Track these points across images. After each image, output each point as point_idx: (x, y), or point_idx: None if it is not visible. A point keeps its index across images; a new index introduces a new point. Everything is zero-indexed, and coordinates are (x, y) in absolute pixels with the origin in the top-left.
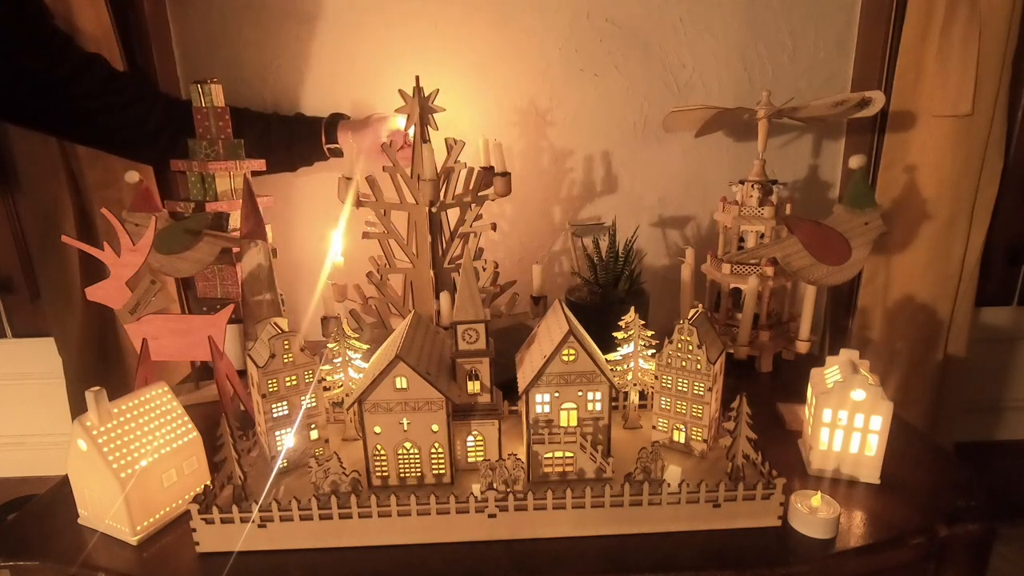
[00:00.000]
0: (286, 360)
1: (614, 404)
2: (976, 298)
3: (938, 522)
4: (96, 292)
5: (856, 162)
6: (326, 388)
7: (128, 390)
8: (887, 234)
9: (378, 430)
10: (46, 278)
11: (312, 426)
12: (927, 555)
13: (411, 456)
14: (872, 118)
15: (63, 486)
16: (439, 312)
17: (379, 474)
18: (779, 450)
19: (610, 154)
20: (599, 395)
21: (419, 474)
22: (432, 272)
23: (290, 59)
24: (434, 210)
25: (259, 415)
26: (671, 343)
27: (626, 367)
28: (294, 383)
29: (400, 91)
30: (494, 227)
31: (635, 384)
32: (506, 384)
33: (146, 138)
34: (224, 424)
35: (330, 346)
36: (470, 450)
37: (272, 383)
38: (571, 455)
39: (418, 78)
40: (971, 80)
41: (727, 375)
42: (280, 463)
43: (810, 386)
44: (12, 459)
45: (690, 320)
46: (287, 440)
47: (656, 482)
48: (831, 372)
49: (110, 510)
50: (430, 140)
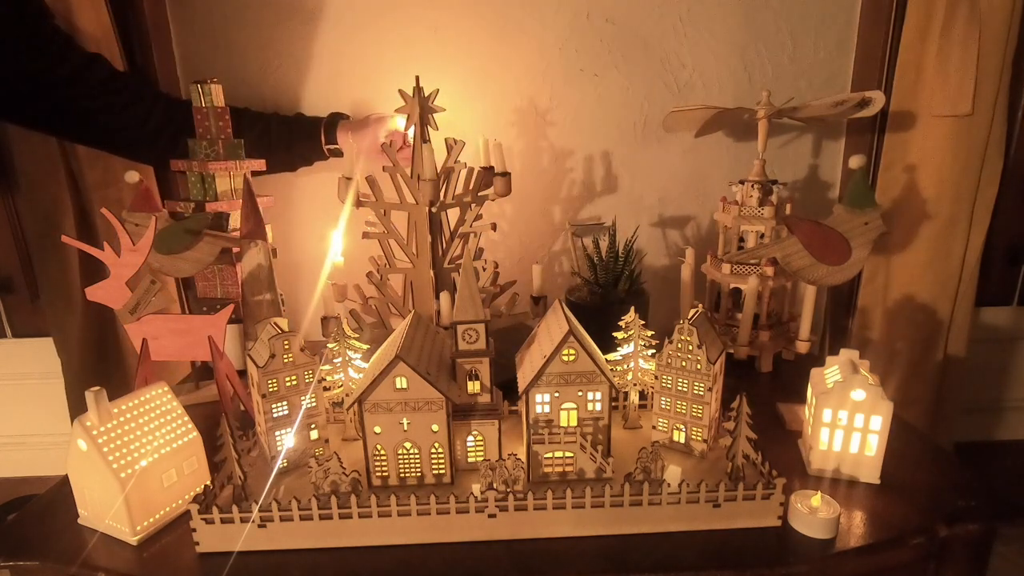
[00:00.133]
0: (286, 360)
1: (614, 404)
2: (976, 298)
3: (938, 522)
4: (96, 292)
5: (856, 162)
6: (326, 388)
7: (128, 390)
8: (887, 234)
9: (378, 430)
10: (46, 278)
11: (312, 426)
12: (927, 555)
13: (411, 456)
14: (872, 118)
15: (63, 486)
16: (439, 312)
17: (379, 474)
18: (779, 450)
19: (610, 154)
20: (599, 395)
21: (419, 474)
22: (432, 272)
23: (290, 59)
24: (434, 210)
25: (259, 415)
26: (671, 343)
27: (626, 367)
28: (294, 383)
29: (400, 91)
30: (494, 227)
31: (635, 384)
32: (506, 384)
33: (146, 138)
34: (224, 424)
35: (330, 346)
36: (470, 450)
37: (272, 383)
38: (571, 455)
39: (418, 78)
40: (971, 80)
41: (727, 375)
42: (280, 463)
43: (810, 386)
44: (12, 459)
45: (690, 320)
46: (287, 440)
47: (656, 482)
48: (831, 372)
49: (110, 510)
50: (430, 140)
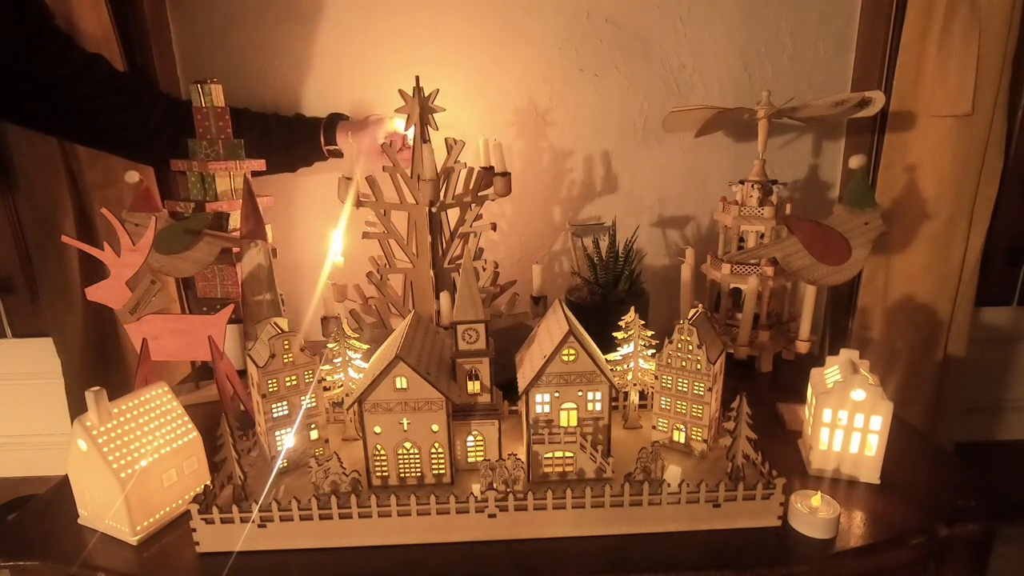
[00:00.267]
0: (286, 360)
1: (614, 404)
2: (976, 298)
3: (938, 522)
4: (96, 292)
5: (856, 162)
6: (326, 388)
7: (128, 390)
8: (887, 234)
9: (378, 430)
10: (46, 278)
11: (312, 426)
12: (927, 555)
13: (411, 456)
14: (872, 118)
15: (63, 486)
16: (439, 312)
17: (379, 474)
18: (779, 450)
19: (610, 154)
20: (599, 395)
21: (419, 474)
22: (432, 272)
23: (290, 59)
24: (434, 210)
25: (259, 415)
26: (671, 343)
27: (626, 367)
28: (294, 383)
29: (400, 91)
30: (494, 227)
31: (635, 384)
32: (506, 384)
33: (146, 138)
34: (224, 424)
35: (330, 346)
36: (470, 450)
37: (272, 383)
38: (571, 455)
39: (418, 78)
40: (971, 80)
41: (727, 375)
42: (280, 463)
43: (810, 386)
44: (12, 459)
45: (690, 320)
46: (287, 440)
47: (656, 482)
48: (831, 372)
49: (110, 510)
50: (430, 140)
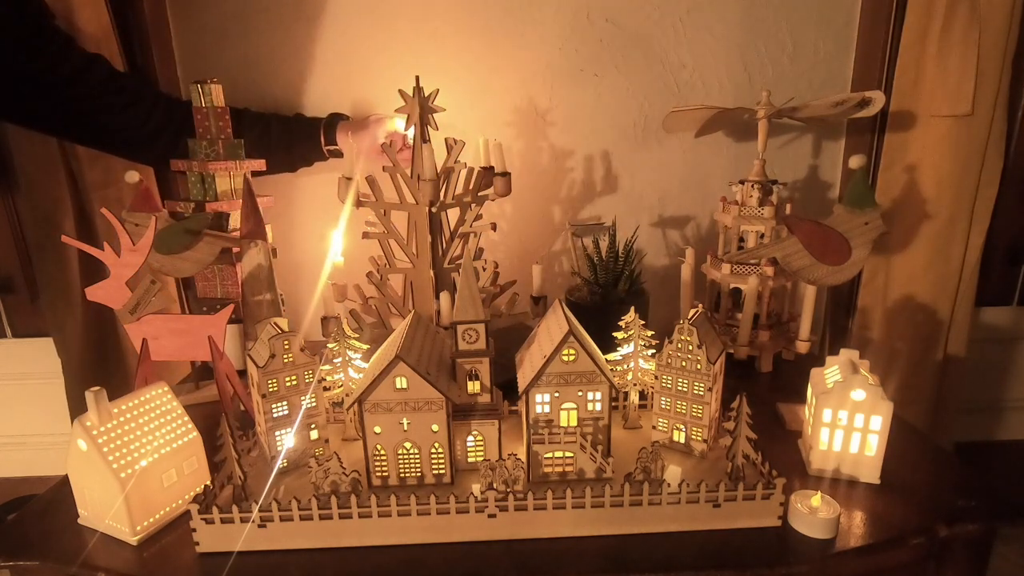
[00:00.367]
0: (286, 360)
1: (614, 404)
2: (976, 298)
3: (938, 522)
4: (96, 292)
5: (856, 162)
6: (326, 388)
7: (128, 390)
8: (887, 234)
9: (378, 430)
10: (46, 278)
11: (312, 426)
12: (927, 555)
13: (411, 456)
14: (872, 118)
15: (63, 486)
16: (439, 312)
17: (379, 474)
18: (779, 450)
19: (610, 154)
20: (599, 395)
21: (419, 474)
22: (432, 272)
23: (290, 59)
24: (434, 210)
25: (259, 415)
26: (671, 343)
27: (626, 367)
28: (294, 383)
29: (400, 91)
30: (494, 227)
31: (635, 384)
32: (506, 384)
33: (146, 138)
34: (224, 424)
35: (330, 346)
36: (470, 450)
37: (272, 383)
38: (571, 455)
39: (418, 78)
40: (971, 80)
41: (727, 375)
42: (280, 463)
43: (810, 386)
44: (12, 459)
45: (690, 320)
46: (287, 440)
47: (656, 482)
48: (831, 372)
49: (110, 510)
50: (430, 140)
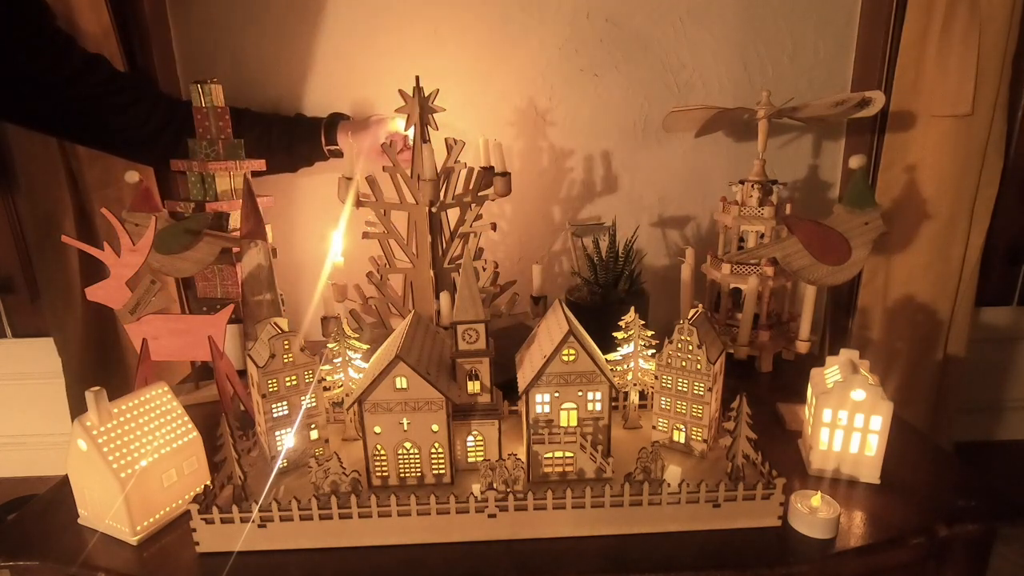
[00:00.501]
0: (286, 360)
1: (614, 404)
2: (976, 298)
3: (938, 522)
4: (96, 292)
5: (856, 162)
6: (326, 388)
7: (128, 390)
8: (887, 234)
9: (378, 430)
10: (46, 278)
11: (312, 426)
12: (927, 555)
13: (411, 456)
14: (872, 118)
15: (63, 486)
16: (439, 312)
17: (379, 474)
18: (779, 450)
19: (610, 154)
20: (599, 395)
21: (419, 474)
22: (432, 272)
23: (290, 59)
24: (434, 210)
25: (259, 415)
26: (671, 343)
27: (626, 367)
28: (294, 383)
29: (400, 91)
30: (494, 227)
31: (635, 384)
32: (506, 384)
33: (147, 138)
34: (224, 424)
35: (330, 346)
36: (470, 450)
37: (272, 383)
38: (571, 455)
39: (418, 78)
40: (971, 80)
41: (727, 375)
42: (280, 463)
43: (810, 386)
44: (12, 459)
45: (690, 320)
46: (287, 440)
47: (656, 482)
48: (831, 372)
49: (110, 510)
50: (430, 140)
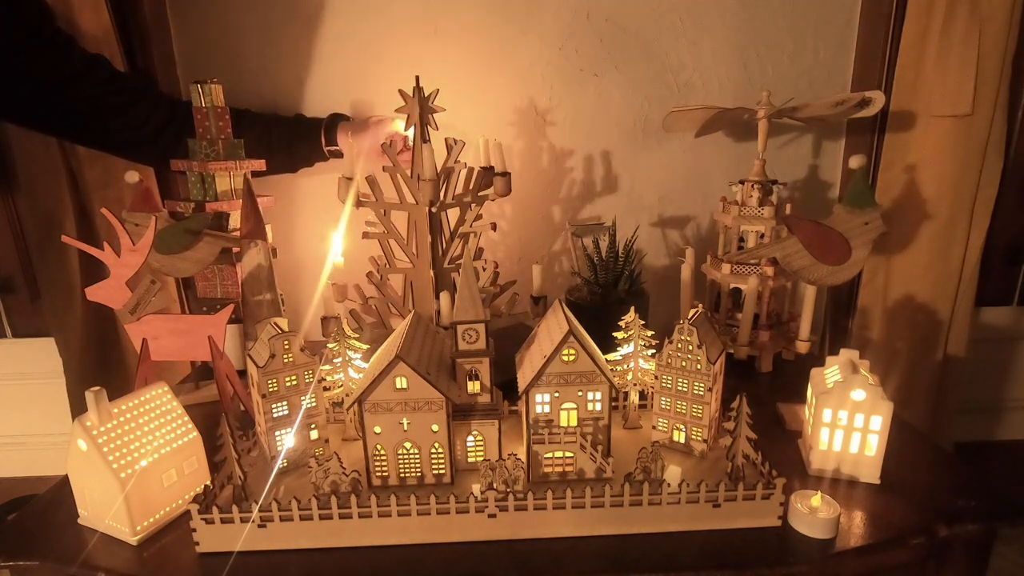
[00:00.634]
0: (286, 360)
1: (614, 404)
2: (976, 298)
3: (938, 522)
4: (96, 292)
5: (856, 162)
6: (326, 388)
7: (128, 390)
8: (887, 234)
9: (378, 430)
10: (46, 278)
11: (312, 426)
12: (927, 555)
13: (411, 456)
14: (872, 118)
15: (63, 486)
16: (439, 312)
17: (379, 474)
18: (779, 450)
19: (610, 154)
20: (599, 395)
21: (419, 474)
22: (432, 272)
23: (290, 59)
24: (434, 210)
25: (259, 415)
26: (671, 343)
27: (626, 367)
28: (294, 383)
29: (400, 91)
30: (494, 227)
31: (635, 384)
32: (506, 384)
33: (147, 139)
34: (224, 424)
35: (330, 346)
36: (470, 450)
37: (272, 383)
38: (571, 455)
39: (418, 78)
40: (971, 80)
41: (727, 375)
42: (280, 463)
43: (810, 386)
44: (12, 459)
45: (690, 320)
46: (287, 440)
47: (656, 482)
48: (831, 372)
49: (110, 510)
50: (430, 140)
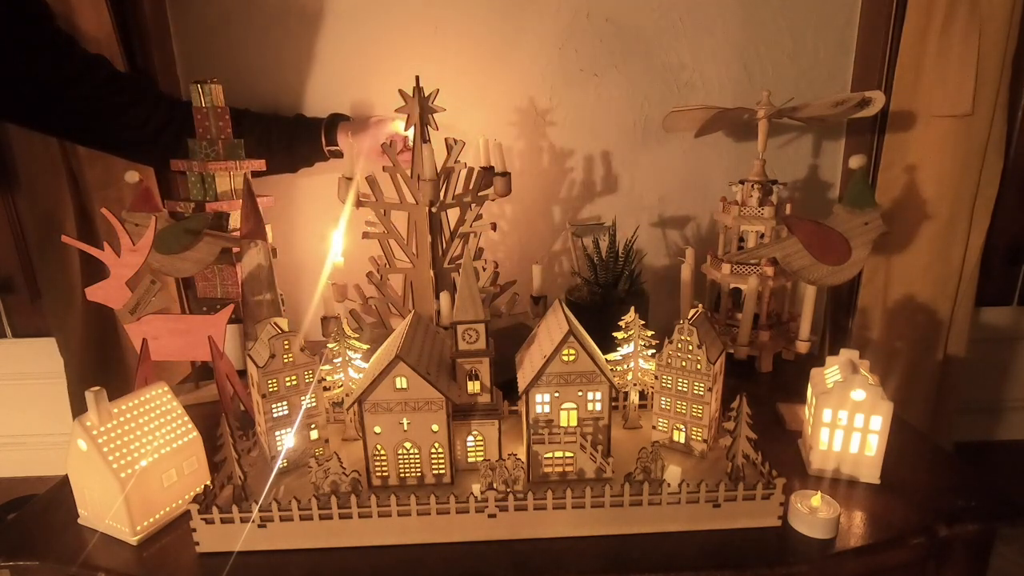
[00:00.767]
0: (286, 360)
1: (614, 404)
2: (976, 298)
3: (938, 522)
4: (96, 292)
5: (856, 162)
6: (326, 388)
7: (128, 390)
8: (887, 234)
9: (378, 430)
10: (46, 278)
11: (312, 426)
12: (927, 555)
13: (411, 456)
14: (872, 118)
15: (63, 486)
16: (439, 312)
17: (379, 474)
18: (779, 450)
19: (610, 154)
20: (599, 395)
21: (419, 474)
22: (432, 272)
23: (290, 59)
24: (434, 210)
25: (259, 415)
26: (671, 343)
27: (626, 367)
28: (294, 383)
29: (400, 91)
30: (494, 227)
31: (635, 384)
32: (506, 384)
33: (148, 139)
34: (224, 424)
35: (330, 346)
36: (470, 450)
37: (272, 383)
38: (571, 455)
39: (418, 78)
40: (971, 80)
41: (727, 375)
42: (280, 463)
43: (810, 386)
44: (12, 459)
45: (690, 320)
46: (287, 440)
47: (656, 482)
48: (831, 372)
49: (110, 510)
50: (430, 140)
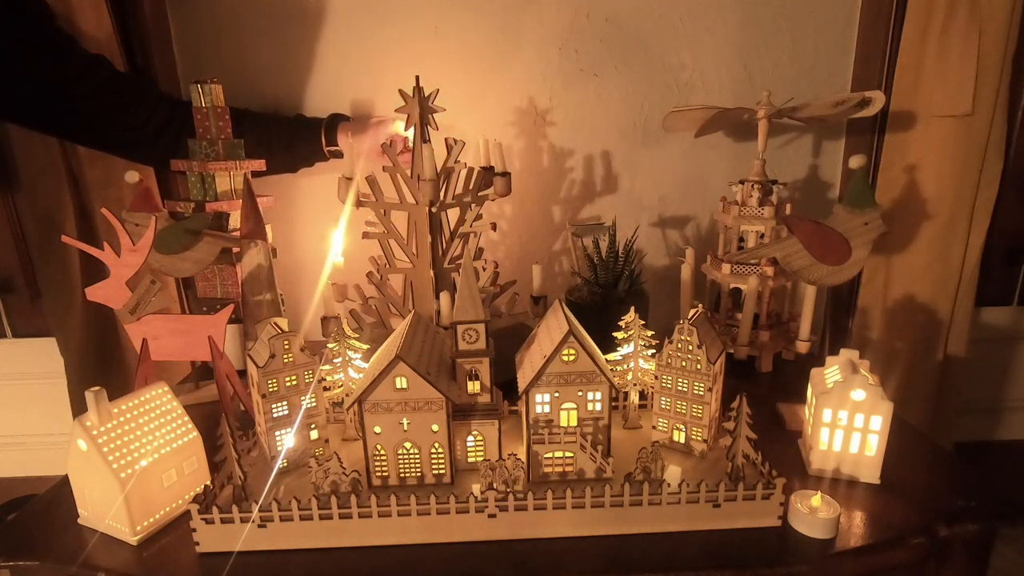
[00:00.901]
0: (286, 360)
1: (614, 404)
2: (976, 298)
3: (938, 522)
4: (96, 292)
5: (856, 162)
6: (326, 388)
7: (128, 390)
8: (887, 234)
9: (378, 430)
10: (46, 278)
11: (312, 426)
12: (927, 555)
13: (411, 456)
14: (872, 118)
15: (63, 486)
16: (439, 312)
17: (379, 474)
18: (779, 450)
19: (610, 154)
20: (599, 395)
21: (419, 474)
22: (432, 272)
23: (290, 59)
24: (434, 210)
25: (259, 415)
26: (671, 343)
27: (626, 367)
28: (294, 383)
29: (400, 91)
30: (494, 227)
31: (635, 384)
32: (506, 384)
33: (148, 139)
34: (224, 424)
35: (330, 346)
36: (470, 450)
37: (272, 383)
38: (571, 455)
39: (418, 78)
40: (971, 80)
41: (727, 375)
42: (280, 463)
43: (810, 386)
44: (12, 459)
45: (690, 320)
46: (287, 440)
47: (656, 482)
48: (831, 372)
49: (110, 510)
50: (430, 140)
